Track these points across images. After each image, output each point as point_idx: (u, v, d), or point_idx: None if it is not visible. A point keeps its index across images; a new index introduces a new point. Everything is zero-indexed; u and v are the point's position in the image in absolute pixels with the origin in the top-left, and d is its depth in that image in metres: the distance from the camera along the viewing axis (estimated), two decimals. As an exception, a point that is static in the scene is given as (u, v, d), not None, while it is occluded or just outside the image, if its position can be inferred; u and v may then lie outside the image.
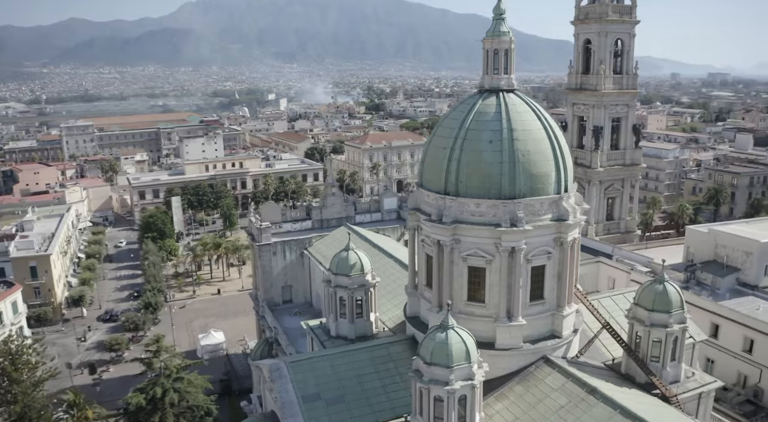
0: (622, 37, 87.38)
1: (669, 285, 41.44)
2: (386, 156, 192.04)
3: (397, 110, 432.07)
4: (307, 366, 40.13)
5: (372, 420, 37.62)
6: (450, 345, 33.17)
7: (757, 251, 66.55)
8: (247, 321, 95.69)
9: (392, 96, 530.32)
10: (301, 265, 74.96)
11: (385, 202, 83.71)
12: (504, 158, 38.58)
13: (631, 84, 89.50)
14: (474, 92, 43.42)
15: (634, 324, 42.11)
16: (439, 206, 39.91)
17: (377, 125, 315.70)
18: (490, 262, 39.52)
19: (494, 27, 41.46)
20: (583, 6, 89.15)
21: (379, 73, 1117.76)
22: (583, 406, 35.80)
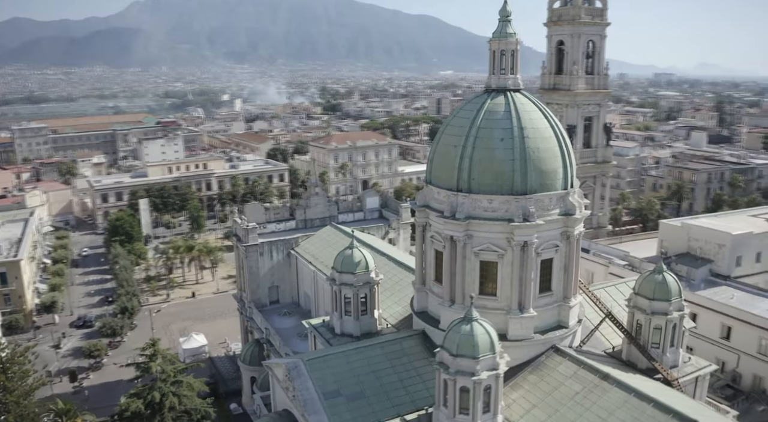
0: (593, 38, 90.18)
1: (668, 275, 43.36)
2: (351, 156, 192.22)
3: (354, 110, 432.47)
4: (324, 363, 40.39)
5: (393, 413, 38.21)
6: (476, 337, 34.16)
7: (729, 243, 69.99)
8: (226, 323, 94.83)
9: (348, 97, 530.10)
10: (288, 265, 74.76)
11: (367, 201, 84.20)
12: (515, 155, 39.78)
13: (602, 84, 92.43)
14: (480, 92, 44.53)
15: (635, 313, 43.96)
16: (452, 203, 40.82)
17: (336, 126, 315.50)
18: (502, 256, 40.67)
19: (501, 29, 42.57)
20: (556, 8, 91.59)
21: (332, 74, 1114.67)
22: (597, 392, 37.30)
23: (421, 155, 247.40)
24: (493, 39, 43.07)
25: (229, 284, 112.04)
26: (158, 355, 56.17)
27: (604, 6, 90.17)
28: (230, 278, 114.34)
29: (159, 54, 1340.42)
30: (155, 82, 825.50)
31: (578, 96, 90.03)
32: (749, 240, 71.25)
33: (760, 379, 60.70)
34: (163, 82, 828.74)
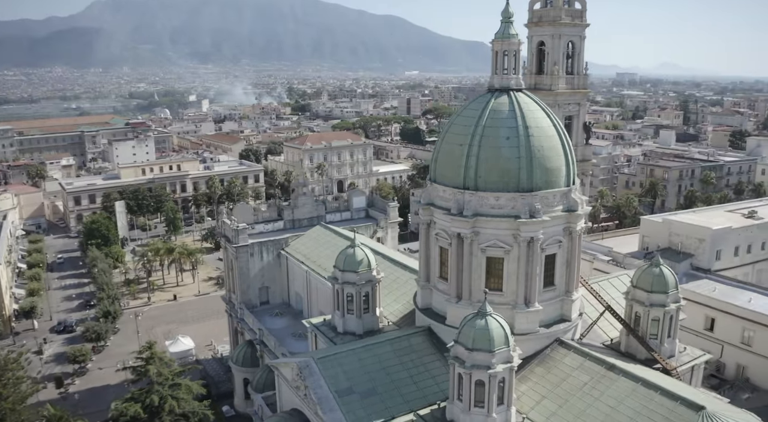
0: (573, 39, 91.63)
1: (665, 268, 44.78)
2: (326, 156, 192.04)
3: (324, 110, 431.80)
4: (335, 361, 40.64)
5: (406, 409, 38.69)
6: (491, 331, 34.85)
7: (710, 237, 72.37)
8: (210, 325, 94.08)
9: (316, 97, 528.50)
10: (278, 266, 74.57)
11: (354, 201, 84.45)
12: (521, 153, 40.69)
13: (582, 84, 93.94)
14: (483, 92, 45.35)
15: (633, 305, 45.26)
16: (459, 201, 41.50)
17: (306, 126, 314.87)
18: (508, 252, 41.51)
19: (503, 30, 43.46)
20: (536, 10, 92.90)
21: (297, 74, 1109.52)
22: (605, 382, 38.42)
23: (395, 154, 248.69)
24: (495, 40, 43.93)
25: (211, 286, 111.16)
26: (155, 358, 55.52)
27: (584, 7, 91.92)
28: (211, 280, 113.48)
29: (121, 54, 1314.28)
30: (117, 83, 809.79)
31: (559, 96, 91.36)
32: (728, 235, 73.78)
33: (743, 368, 62.99)
34: (125, 83, 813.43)
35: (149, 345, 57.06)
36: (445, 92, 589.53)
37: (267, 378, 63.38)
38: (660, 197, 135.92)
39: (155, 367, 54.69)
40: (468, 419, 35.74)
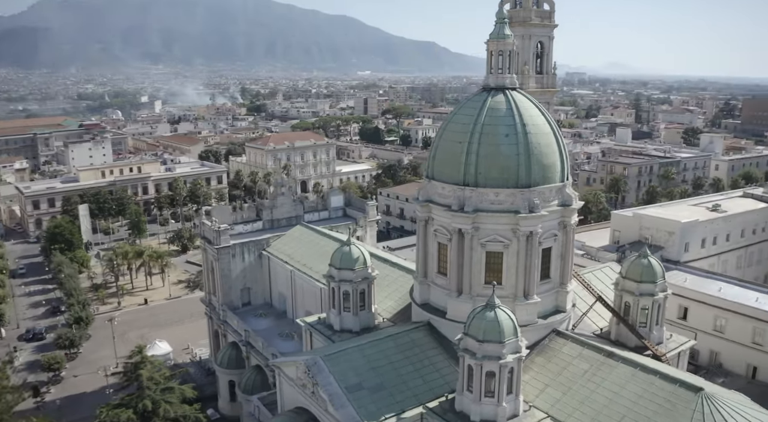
0: (542, 39, 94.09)
1: (652, 259, 46.75)
2: (289, 157, 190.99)
3: (279, 110, 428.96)
4: (342, 358, 40.90)
5: (415, 402, 39.31)
6: (501, 323, 35.93)
7: (679, 230, 75.33)
8: (185, 328, 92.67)
9: (271, 97, 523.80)
10: (259, 266, 74.07)
11: (332, 200, 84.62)
12: (520, 150, 41.88)
13: (551, 83, 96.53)
14: (478, 91, 46.38)
15: (623, 295, 47.07)
16: (460, 197, 42.41)
17: (264, 127, 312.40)
18: (508, 246, 42.65)
19: (498, 30, 44.64)
20: (506, 11, 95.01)
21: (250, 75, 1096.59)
22: (605, 368, 39.94)
23: (356, 154, 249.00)
24: (490, 40, 45.08)
25: (181, 289, 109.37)
26: (146, 362, 54.57)
27: (552, 9, 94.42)
28: (181, 284, 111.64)
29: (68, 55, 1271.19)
30: (65, 84, 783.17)
31: (530, 95, 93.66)
32: (696, 227, 76.96)
33: (716, 354, 65.92)
34: (73, 84, 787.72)
35: (139, 349, 56.04)
36: (401, 92, 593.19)
37: (256, 379, 63.36)
38: (622, 193, 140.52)
39: (148, 371, 53.75)
40: (479, 409, 36.69)
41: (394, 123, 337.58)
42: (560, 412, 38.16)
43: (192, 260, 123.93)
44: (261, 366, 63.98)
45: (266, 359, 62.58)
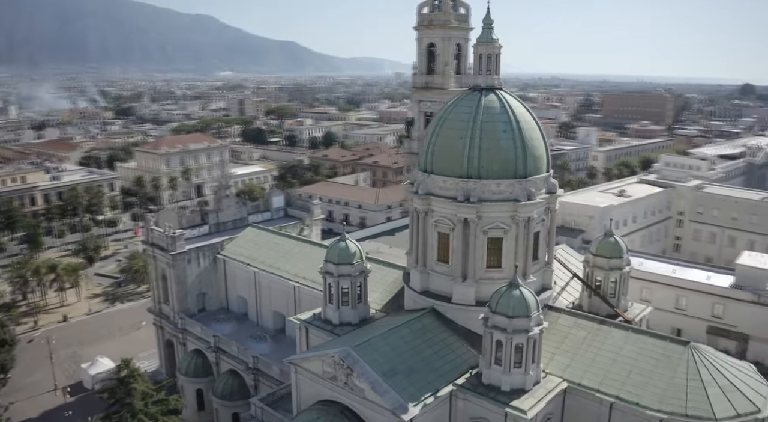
0: (460, 41, 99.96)
1: (617, 238, 53.11)
2: (183, 160, 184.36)
3: (149, 113, 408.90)
4: (369, 348, 42.55)
5: (444, 381, 42.12)
6: (527, 299, 39.99)
7: (598, 214, 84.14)
8: (118, 343, 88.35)
9: (137, 100, 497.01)
10: (214, 270, 72.90)
11: (273, 201, 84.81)
12: (517, 144, 46.09)
13: (468, 83, 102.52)
14: (467, 90, 50.00)
15: (594, 270, 53.11)
16: (464, 189, 45.76)
17: (139, 131, 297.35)
18: (507, 232, 46.71)
19: (486, 35, 48.53)
20: (425, 14, 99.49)
21: (104, 76, 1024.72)
22: (601, 334, 45.26)
23: (246, 156, 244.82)
24: (479, 43, 48.86)
25: (100, 303, 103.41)
26: (136, 375, 52.38)
27: (468, 13, 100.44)
28: (98, 298, 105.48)
29: None
30: None
31: (451, 93, 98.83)
32: (611, 211, 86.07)
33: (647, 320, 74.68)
34: None
35: (126, 363, 53.51)
36: (271, 93, 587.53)
37: (233, 384, 62.95)
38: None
39: (140, 385, 51.68)
40: (509, 379, 40.44)
41: (275, 124, 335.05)
42: (572, 375, 42.81)
43: (101, 272, 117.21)
44: (237, 370, 63.41)
45: (244, 363, 62.31)
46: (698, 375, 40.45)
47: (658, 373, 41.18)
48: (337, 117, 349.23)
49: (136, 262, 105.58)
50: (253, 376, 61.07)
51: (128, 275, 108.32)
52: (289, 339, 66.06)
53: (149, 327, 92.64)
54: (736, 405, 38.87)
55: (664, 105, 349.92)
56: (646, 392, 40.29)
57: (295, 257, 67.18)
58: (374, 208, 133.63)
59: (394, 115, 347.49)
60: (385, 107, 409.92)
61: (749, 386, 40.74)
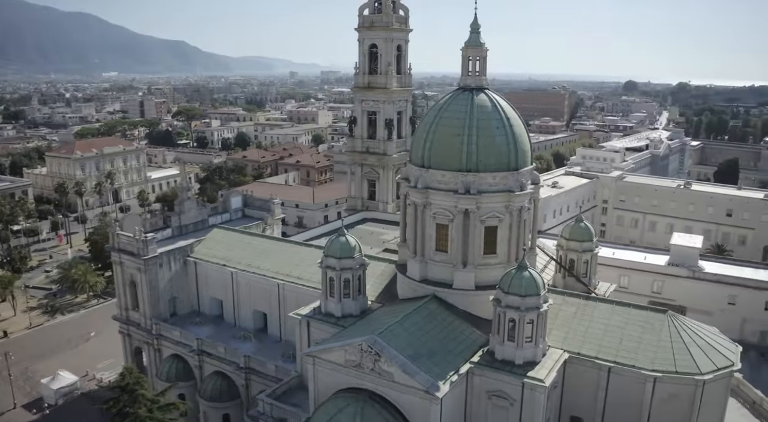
0: (400, 42, 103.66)
1: (587, 223, 58.74)
2: (99, 165, 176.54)
3: (41, 117, 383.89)
4: (391, 334, 44.80)
5: (461, 360, 45.31)
6: (536, 280, 44.22)
7: (541, 204, 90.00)
8: (69, 356, 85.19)
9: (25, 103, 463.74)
10: (185, 274, 72.04)
11: (231, 201, 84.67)
12: (509, 140, 50.22)
13: (408, 82, 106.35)
14: (455, 90, 53.28)
15: (568, 253, 58.46)
16: (465, 182, 49.29)
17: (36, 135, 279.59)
18: (502, 221, 50.75)
19: (474, 39, 52.19)
20: (367, 15, 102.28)
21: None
22: (589, 308, 50.32)
23: (160, 159, 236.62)
24: (467, 47, 52.40)
25: (39, 316, 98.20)
26: (141, 382, 51.50)
27: (407, 15, 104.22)
28: (35, 310, 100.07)
29: None
30: None
31: (394, 93, 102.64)
32: (551, 201, 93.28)
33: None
34: None
35: (129, 370, 52.33)
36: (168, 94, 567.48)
37: (222, 385, 63.13)
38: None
39: (148, 392, 50.92)
40: (521, 353, 44.40)
41: (180, 125, 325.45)
42: (571, 346, 47.40)
43: (30, 283, 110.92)
44: (224, 372, 63.48)
45: (233, 363, 62.48)
46: (680, 338, 46.27)
47: (646, 338, 46.65)
48: (244, 118, 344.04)
49: (74, 272, 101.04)
50: (245, 376, 61.49)
51: (64, 286, 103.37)
52: (272, 337, 67.01)
53: (100, 337, 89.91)
54: (715, 361, 44.97)
55: (562, 102, 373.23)
56: (639, 355, 45.58)
57: (274, 256, 67.95)
58: (312, 207, 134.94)
59: (303, 114, 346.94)
60: (290, 107, 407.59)
61: (721, 345, 47.13)
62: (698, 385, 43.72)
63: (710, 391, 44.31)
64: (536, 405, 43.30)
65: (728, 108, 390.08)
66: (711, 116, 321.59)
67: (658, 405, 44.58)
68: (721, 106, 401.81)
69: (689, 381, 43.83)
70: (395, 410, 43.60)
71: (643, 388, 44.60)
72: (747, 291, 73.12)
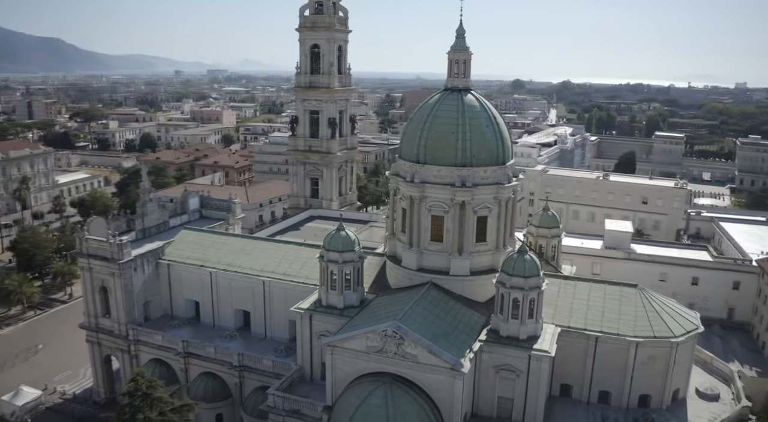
0: (341, 43, 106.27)
1: (553, 211, 65.01)
2: (5, 170, 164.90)
3: None
4: (409, 320, 47.88)
5: (471, 339, 49.44)
6: (536, 262, 49.40)
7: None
8: (20, 371, 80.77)
9: None
10: (156, 277, 71.12)
11: (190, 202, 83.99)
12: (497, 136, 55.01)
13: (348, 82, 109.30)
14: (441, 91, 57.26)
15: (538, 239, 64.33)
16: (460, 176, 53.50)
17: None
18: (491, 211, 55.43)
19: (460, 44, 56.46)
20: (308, 16, 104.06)
21: None
22: (569, 287, 56.21)
23: (64, 162, 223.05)
24: (453, 51, 56.55)
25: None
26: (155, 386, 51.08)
27: (346, 16, 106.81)
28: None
29: None
30: None
31: (336, 92, 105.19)
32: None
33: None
34: None
35: (141, 374, 51.59)
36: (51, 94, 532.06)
37: (214, 385, 63.61)
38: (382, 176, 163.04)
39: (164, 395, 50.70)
40: (525, 329, 49.37)
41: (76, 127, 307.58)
42: (561, 321, 52.91)
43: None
44: (213, 372, 63.72)
45: (226, 362, 62.80)
46: (652, 308, 53.09)
47: (624, 310, 53.11)
48: (144, 118, 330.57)
49: (8, 283, 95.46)
50: (239, 374, 62.13)
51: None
52: (257, 335, 67.54)
53: (49, 350, 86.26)
54: (683, 325, 52.14)
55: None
56: (621, 325, 51.87)
57: (254, 254, 68.81)
58: (247, 207, 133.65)
59: (207, 114, 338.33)
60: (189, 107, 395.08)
61: (684, 311, 54.57)
62: (673, 347, 50.64)
63: (682, 351, 51.42)
64: (542, 374, 48.41)
65: (611, 105, 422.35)
66: (600, 113, 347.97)
67: (639, 367, 51.08)
68: (604, 103, 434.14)
69: (666, 343, 50.62)
70: (419, 389, 47.03)
71: (627, 353, 50.92)
72: (675, 269, 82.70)
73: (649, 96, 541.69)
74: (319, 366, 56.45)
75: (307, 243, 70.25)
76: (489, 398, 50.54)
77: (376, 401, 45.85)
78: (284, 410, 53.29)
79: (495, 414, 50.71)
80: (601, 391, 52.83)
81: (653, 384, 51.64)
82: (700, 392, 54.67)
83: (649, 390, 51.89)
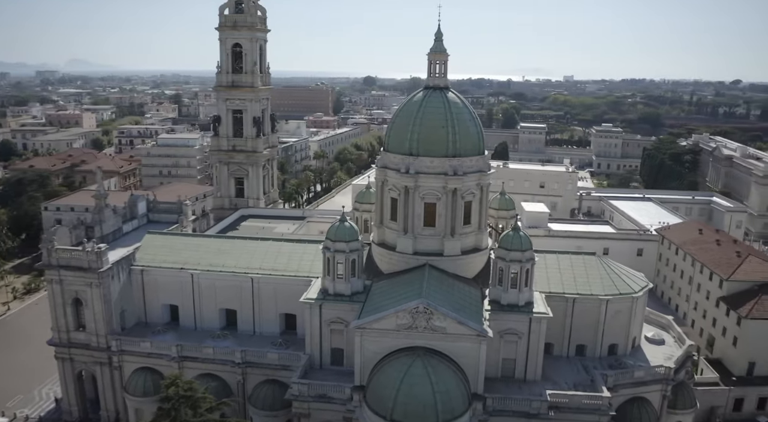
0: (261, 42, 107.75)
1: (509, 195, 73.54)
2: None
3: None
4: (431, 296, 53.35)
5: (480, 308, 56.16)
6: (528, 237, 57.17)
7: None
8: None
9: None
10: (129, 284, 69.69)
11: (138, 207, 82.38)
12: (478, 129, 62.30)
13: (268, 81, 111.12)
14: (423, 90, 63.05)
15: (498, 221, 72.70)
16: (452, 166, 59.83)
17: None
18: (475, 196, 62.48)
19: (438, 46, 62.60)
20: (229, 15, 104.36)
21: None
22: (541, 259, 63.86)
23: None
24: (433, 53, 62.64)
25: None
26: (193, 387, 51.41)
27: (264, 16, 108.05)
28: None
29: None
30: None
31: (260, 91, 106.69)
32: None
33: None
34: None
35: (176, 377, 51.39)
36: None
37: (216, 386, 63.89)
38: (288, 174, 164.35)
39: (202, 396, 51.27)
40: (522, 296, 57.10)
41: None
42: (542, 288, 61.26)
43: None
44: (211, 372, 64.23)
45: (228, 361, 63.50)
46: (612, 271, 63.35)
47: (591, 274, 62.85)
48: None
49: None
50: (242, 371, 63.37)
51: None
52: (245, 332, 68.70)
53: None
54: (638, 283, 62.94)
55: (327, 97, 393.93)
56: (592, 286, 61.52)
57: (234, 253, 69.90)
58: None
59: (65, 118, 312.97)
60: (37, 111, 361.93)
61: (633, 273, 65.47)
62: (634, 301, 61.15)
63: (639, 304, 62.20)
64: (541, 334, 56.64)
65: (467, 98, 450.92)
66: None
67: (609, 321, 60.96)
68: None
69: (628, 299, 61.00)
70: (447, 357, 52.87)
71: (599, 310, 60.60)
72: (589, 241, 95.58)
73: (495, 90, 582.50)
74: (328, 353, 60.23)
75: (285, 239, 72.85)
76: (494, 361, 57.40)
77: (417, 371, 50.97)
78: (310, 396, 56.32)
79: (500, 374, 57.93)
80: (578, 345, 62.16)
81: (619, 334, 61.89)
82: (649, 338, 66.06)
83: (617, 340, 62.07)
